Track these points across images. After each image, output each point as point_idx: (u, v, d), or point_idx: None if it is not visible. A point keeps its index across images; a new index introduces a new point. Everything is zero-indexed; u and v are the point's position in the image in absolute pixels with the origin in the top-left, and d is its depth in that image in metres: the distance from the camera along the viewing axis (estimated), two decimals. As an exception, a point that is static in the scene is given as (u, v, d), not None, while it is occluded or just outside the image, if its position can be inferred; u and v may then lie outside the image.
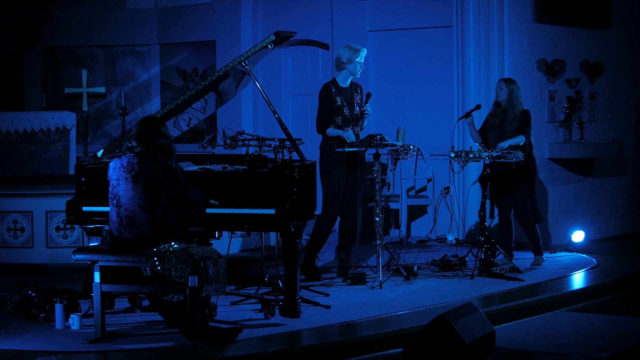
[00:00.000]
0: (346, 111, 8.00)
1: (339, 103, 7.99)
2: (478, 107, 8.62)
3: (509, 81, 8.52)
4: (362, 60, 8.03)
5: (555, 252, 9.40)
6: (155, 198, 6.00)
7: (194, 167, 7.06)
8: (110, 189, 6.14)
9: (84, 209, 6.81)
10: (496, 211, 8.62)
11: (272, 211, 6.45)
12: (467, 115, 8.49)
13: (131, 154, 6.13)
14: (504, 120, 8.41)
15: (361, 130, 8.15)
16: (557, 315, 7.27)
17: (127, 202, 6.04)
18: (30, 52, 12.69)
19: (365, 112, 8.08)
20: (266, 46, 7.07)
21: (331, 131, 7.98)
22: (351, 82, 8.13)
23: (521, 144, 8.27)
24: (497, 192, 8.46)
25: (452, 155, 8.19)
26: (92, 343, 5.93)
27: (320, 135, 8.09)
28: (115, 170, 6.12)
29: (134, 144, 6.16)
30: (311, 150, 8.36)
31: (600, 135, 10.65)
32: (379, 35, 10.93)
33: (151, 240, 5.97)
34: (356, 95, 8.11)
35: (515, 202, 8.50)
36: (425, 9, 10.58)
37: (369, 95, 8.13)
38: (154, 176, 6.00)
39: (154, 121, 6.25)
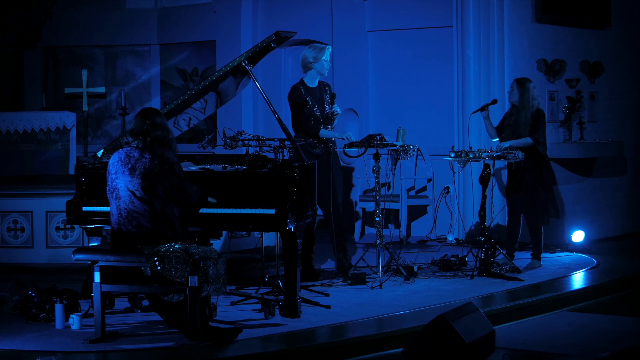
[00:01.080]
0: (317, 111, 7.99)
1: (310, 103, 7.98)
2: (494, 101, 8.54)
3: (520, 81, 8.39)
4: (329, 58, 8.04)
5: (555, 252, 9.39)
6: (152, 190, 6.00)
7: (194, 167, 7.05)
8: (109, 183, 6.14)
9: (84, 209, 6.81)
10: (506, 209, 8.64)
11: (272, 211, 6.45)
12: (483, 108, 8.40)
13: (128, 148, 6.14)
14: (518, 120, 8.36)
15: (332, 129, 8.13)
16: (557, 315, 7.27)
17: (125, 195, 6.04)
18: (30, 52, 12.69)
19: (335, 113, 8.08)
20: (266, 46, 7.08)
21: (325, 133, 7.97)
22: (319, 81, 8.13)
23: (526, 145, 8.22)
24: (508, 192, 8.49)
25: (452, 155, 8.17)
26: (92, 343, 5.94)
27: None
28: (114, 164, 6.13)
29: (130, 139, 6.15)
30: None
31: (600, 135, 10.64)
32: (379, 35, 10.92)
33: (150, 231, 5.97)
34: (325, 95, 8.10)
35: (523, 203, 8.44)
36: (425, 9, 10.57)
37: (333, 95, 8.16)
38: (150, 168, 6.01)
39: (149, 113, 6.24)
